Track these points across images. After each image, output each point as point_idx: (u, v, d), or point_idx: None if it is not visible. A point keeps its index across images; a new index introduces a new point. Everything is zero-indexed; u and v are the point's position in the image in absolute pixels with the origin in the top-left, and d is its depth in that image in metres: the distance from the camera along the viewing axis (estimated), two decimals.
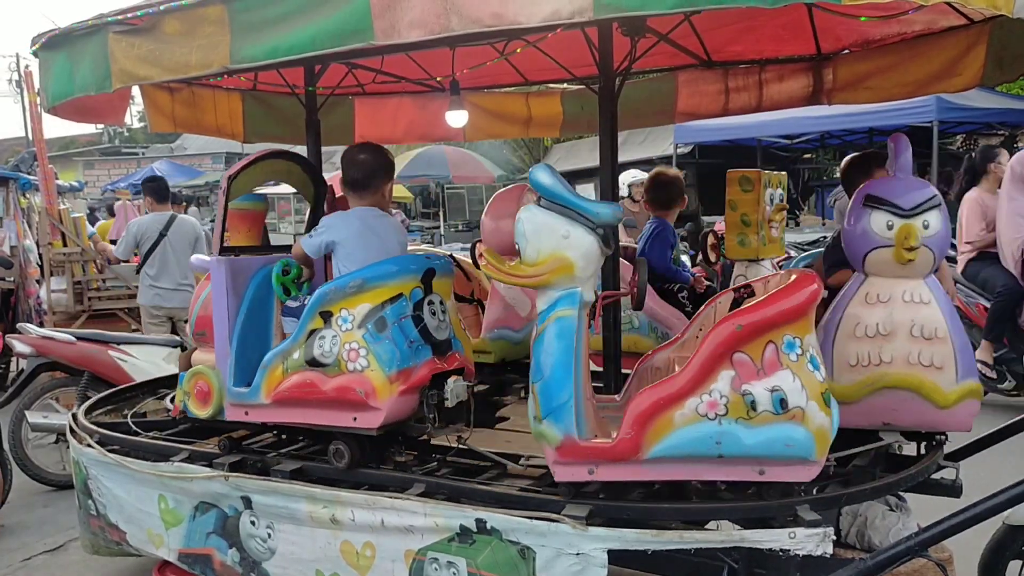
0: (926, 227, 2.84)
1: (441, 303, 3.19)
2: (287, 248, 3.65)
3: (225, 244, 3.46)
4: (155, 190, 6.88)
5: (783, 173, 4.25)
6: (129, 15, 2.81)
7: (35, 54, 3.29)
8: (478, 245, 4.45)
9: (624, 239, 6.74)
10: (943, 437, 3.01)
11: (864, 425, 2.92)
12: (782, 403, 2.39)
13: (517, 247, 2.62)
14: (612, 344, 3.53)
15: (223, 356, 3.32)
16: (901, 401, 2.83)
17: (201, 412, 3.49)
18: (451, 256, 4.09)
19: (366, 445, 3.11)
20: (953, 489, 3.08)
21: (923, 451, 3.02)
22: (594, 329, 2.99)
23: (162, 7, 2.72)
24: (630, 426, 2.47)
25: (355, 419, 3.00)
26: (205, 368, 3.46)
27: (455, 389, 3.07)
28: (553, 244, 2.58)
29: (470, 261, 4.74)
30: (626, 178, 8.74)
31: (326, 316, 3.07)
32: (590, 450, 2.54)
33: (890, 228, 2.86)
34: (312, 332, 3.09)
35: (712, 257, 4.71)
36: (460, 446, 3.19)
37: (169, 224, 6.70)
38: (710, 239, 4.65)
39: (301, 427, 3.27)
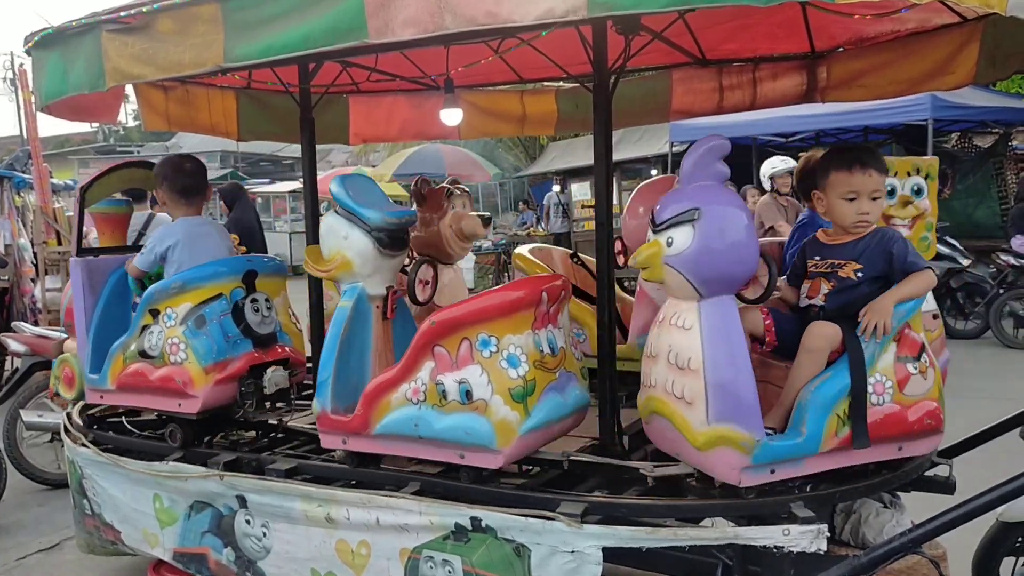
0: (669, 244, 2.54)
1: (267, 300, 3.60)
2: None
3: (89, 246, 4.01)
4: (131, 190, 6.83)
5: (929, 158, 3.77)
6: (122, 14, 2.80)
7: (28, 53, 3.28)
8: None
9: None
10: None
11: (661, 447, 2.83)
12: (467, 395, 2.67)
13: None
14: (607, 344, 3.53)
15: (82, 346, 3.76)
16: (665, 429, 2.66)
17: (68, 394, 3.96)
18: (573, 254, 4.26)
19: (196, 427, 3.54)
20: (947, 486, 3.09)
21: None
22: None
23: (155, 6, 2.70)
24: (362, 405, 2.90)
25: (179, 405, 3.42)
26: (70, 356, 3.94)
27: (273, 378, 3.49)
28: (336, 244, 3.05)
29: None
30: (766, 169, 7.97)
31: (154, 313, 3.48)
32: (338, 423, 2.97)
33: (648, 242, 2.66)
34: (143, 327, 3.50)
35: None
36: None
37: (147, 223, 6.67)
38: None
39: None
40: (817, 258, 2.84)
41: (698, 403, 2.46)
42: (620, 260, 3.78)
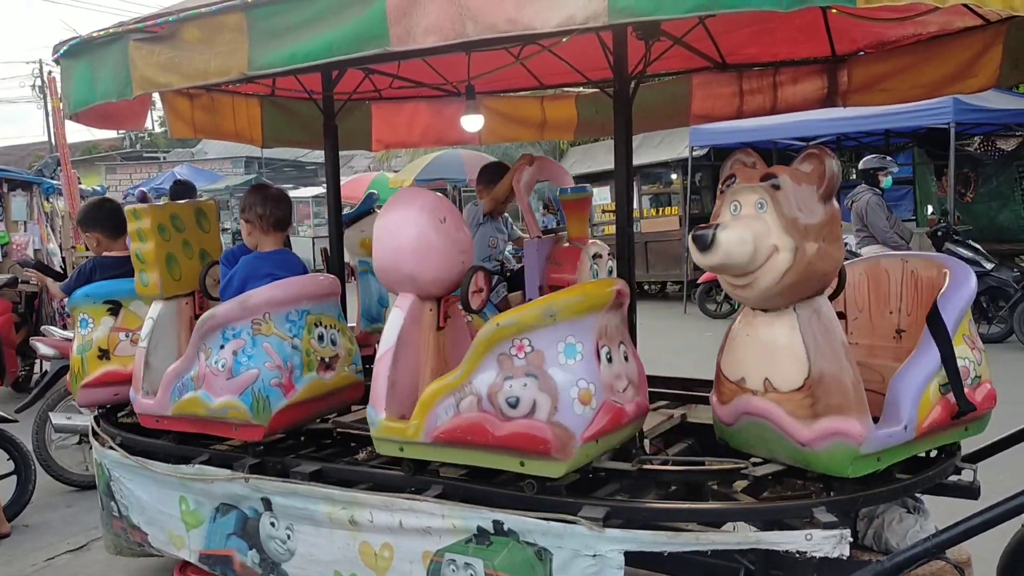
0: None
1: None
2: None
3: None
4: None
5: None
6: (149, 23, 2.86)
7: (57, 62, 3.34)
8: None
9: None
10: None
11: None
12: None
13: None
14: None
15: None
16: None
17: None
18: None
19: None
20: (971, 491, 3.06)
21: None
22: None
23: (182, 15, 2.76)
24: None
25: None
26: None
27: None
28: None
29: None
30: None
31: None
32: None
33: None
34: None
35: None
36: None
37: None
38: None
39: None
40: None
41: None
42: None
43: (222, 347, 3.31)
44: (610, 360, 2.72)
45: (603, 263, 3.69)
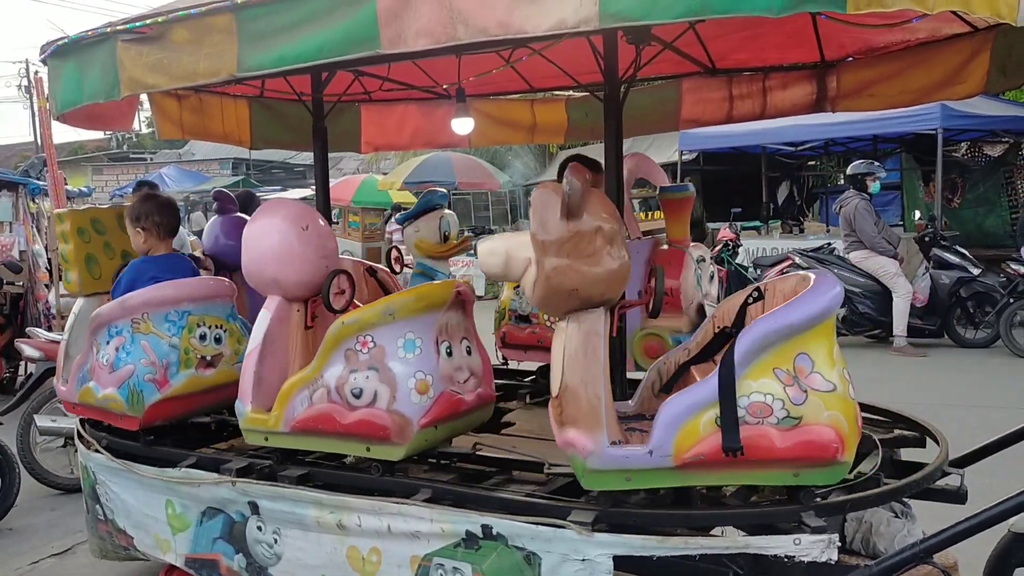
0: None
1: None
2: None
3: None
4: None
5: None
6: (138, 24, 2.84)
7: (44, 62, 3.32)
8: None
9: None
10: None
11: None
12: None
13: None
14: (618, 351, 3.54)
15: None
16: None
17: None
18: None
19: None
20: (958, 496, 3.07)
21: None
22: None
23: (171, 16, 2.74)
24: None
25: None
26: None
27: None
28: None
29: None
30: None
31: None
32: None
33: None
34: None
35: None
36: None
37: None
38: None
39: None
40: None
41: None
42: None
43: (107, 343, 3.57)
44: (450, 354, 2.98)
45: (706, 268, 3.68)
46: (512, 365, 4.65)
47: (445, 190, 5.20)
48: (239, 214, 4.52)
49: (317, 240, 3.20)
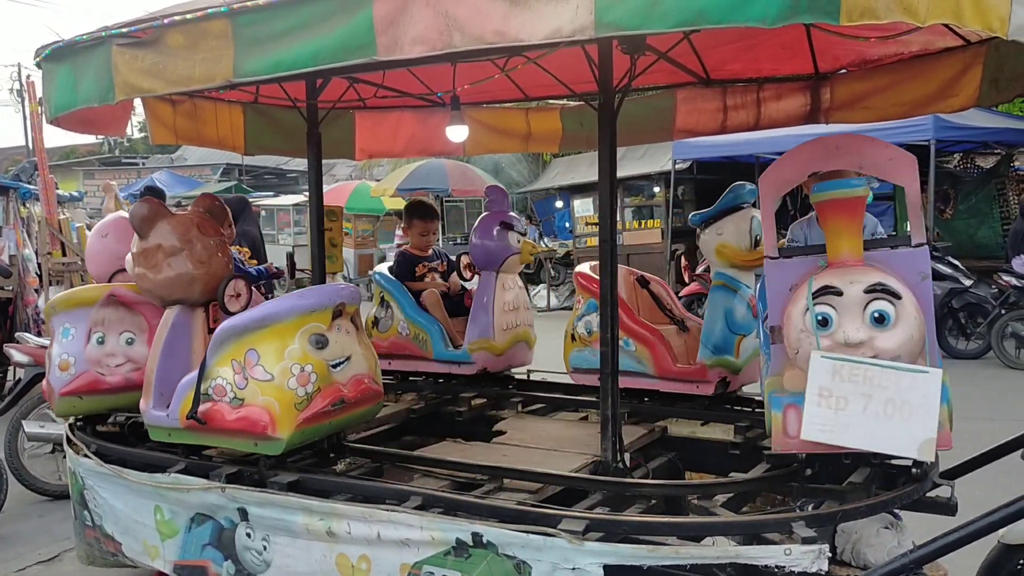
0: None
1: None
2: None
3: None
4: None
5: None
6: (133, 28, 2.83)
7: (39, 65, 3.30)
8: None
9: None
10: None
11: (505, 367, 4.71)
12: None
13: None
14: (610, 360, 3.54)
15: None
16: (520, 348, 4.72)
17: None
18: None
19: None
20: (948, 507, 3.08)
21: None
22: None
23: (166, 21, 2.74)
24: None
25: None
26: None
27: None
28: None
29: None
30: None
31: None
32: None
33: (518, 242, 4.67)
34: None
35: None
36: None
37: None
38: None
39: None
40: None
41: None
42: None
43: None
44: (101, 343, 3.82)
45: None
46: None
47: (753, 185, 3.81)
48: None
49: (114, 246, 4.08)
